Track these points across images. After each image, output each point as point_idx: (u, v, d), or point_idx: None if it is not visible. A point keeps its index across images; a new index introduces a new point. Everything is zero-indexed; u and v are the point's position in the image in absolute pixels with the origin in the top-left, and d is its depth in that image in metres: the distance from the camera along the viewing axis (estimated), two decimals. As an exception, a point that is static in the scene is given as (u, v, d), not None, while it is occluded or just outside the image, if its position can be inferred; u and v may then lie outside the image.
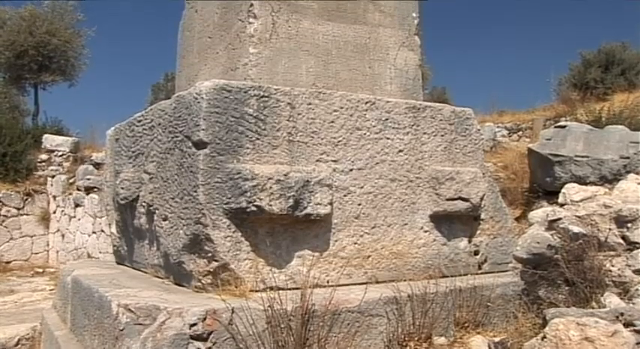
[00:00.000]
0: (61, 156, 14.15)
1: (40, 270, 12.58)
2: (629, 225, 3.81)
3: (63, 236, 13.12)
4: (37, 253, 13.65)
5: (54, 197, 13.67)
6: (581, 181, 6.92)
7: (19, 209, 13.61)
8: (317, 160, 3.90)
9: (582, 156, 7.44)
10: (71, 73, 18.34)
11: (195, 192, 3.58)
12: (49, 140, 14.40)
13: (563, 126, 7.87)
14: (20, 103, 19.19)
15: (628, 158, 7.40)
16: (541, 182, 7.64)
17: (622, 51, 15.32)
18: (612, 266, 3.71)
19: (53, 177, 13.81)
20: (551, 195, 7.12)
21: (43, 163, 14.19)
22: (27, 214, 13.69)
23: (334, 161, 3.96)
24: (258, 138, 3.72)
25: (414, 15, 4.72)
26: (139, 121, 4.53)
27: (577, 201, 4.16)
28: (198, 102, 3.61)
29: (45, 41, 16.98)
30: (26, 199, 13.70)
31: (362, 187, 4.04)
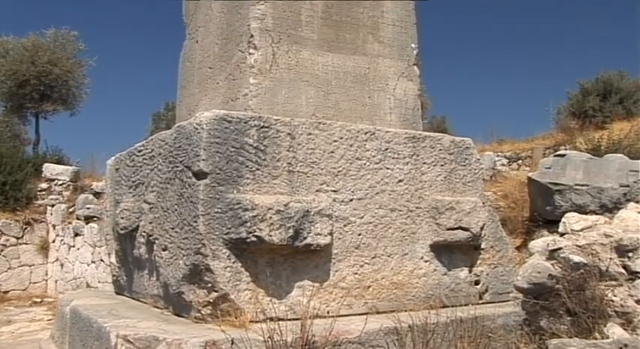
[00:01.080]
0: (61, 185, 14.14)
1: (39, 300, 12.48)
2: (630, 254, 3.80)
3: (62, 265, 13.05)
4: (35, 283, 13.55)
5: (53, 226, 13.63)
6: (582, 210, 6.92)
7: (18, 238, 13.55)
8: (317, 190, 3.90)
9: (582, 185, 7.45)
10: (72, 102, 18.40)
11: (196, 222, 3.58)
12: (50, 169, 14.40)
13: (563, 155, 7.89)
14: (21, 132, 19.22)
15: (628, 186, 7.42)
16: (541, 211, 7.64)
17: (619, 80, 15.43)
18: (614, 296, 3.69)
19: (53, 206, 13.78)
20: (551, 223, 7.11)
21: (43, 192, 14.16)
22: (26, 243, 13.63)
23: (334, 191, 3.96)
24: (258, 169, 3.72)
25: (412, 45, 4.76)
26: (140, 151, 4.55)
27: (577, 231, 4.15)
28: (199, 132, 3.63)
29: (47, 71, 17.08)
30: (25, 228, 13.64)
31: (362, 217, 4.04)
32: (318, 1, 4.39)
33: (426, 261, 4.28)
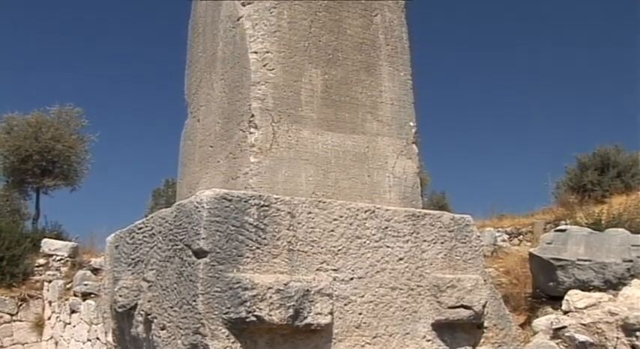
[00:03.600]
0: (59, 260, 14.05)
1: (30, 380, 12.17)
2: (637, 333, 3.75)
3: (56, 343, 12.80)
4: (27, 362, 13.25)
5: (49, 302, 13.46)
6: (585, 286, 6.86)
7: (12, 315, 13.34)
8: (317, 269, 3.88)
9: (584, 260, 7.40)
10: (73, 177, 18.55)
11: (195, 301, 3.55)
12: (48, 244, 14.36)
13: (564, 230, 7.89)
14: (21, 207, 19.29)
15: (631, 261, 7.37)
16: (544, 287, 7.56)
17: (616, 154, 15.60)
18: (623, 377, 3.62)
19: (50, 282, 13.65)
20: (555, 300, 7.02)
21: (41, 268, 14.08)
22: (20, 320, 13.41)
23: (334, 270, 3.94)
24: (258, 248, 3.72)
25: (411, 124, 4.84)
26: (140, 229, 4.55)
27: (581, 309, 4.11)
28: (199, 211, 3.65)
29: (49, 146, 17.29)
30: (20, 305, 13.47)
31: (363, 296, 4.00)
32: (317, 82, 4.50)
33: (428, 341, 4.21)
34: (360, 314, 3.97)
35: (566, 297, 4.23)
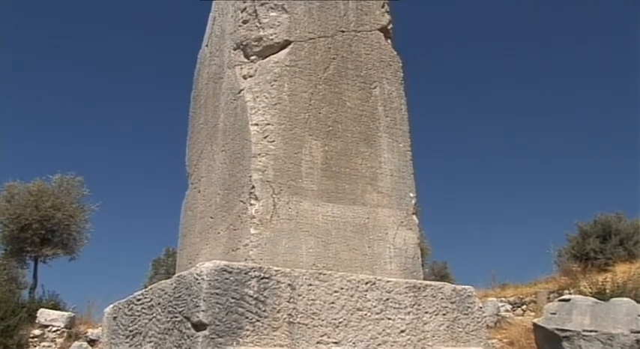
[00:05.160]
0: (55, 331, 13.80)
1: None
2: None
3: None
4: None
5: (43, 375, 13.12)
6: (592, 358, 6.72)
7: (-1, 392, 12.98)
8: (318, 342, 3.82)
9: (590, 331, 7.29)
10: (72, 246, 18.44)
11: (193, 376, 3.48)
12: (44, 314, 14.14)
13: (568, 300, 7.80)
14: (19, 276, 19.07)
15: (639, 332, 7.25)
16: (550, 359, 7.41)
17: (617, 222, 15.60)
18: None
19: (45, 353, 13.36)
20: (561, 373, 6.88)
21: (36, 339, 13.79)
22: (12, 395, 13.04)
23: (335, 343, 3.87)
24: (258, 320, 3.67)
25: (411, 195, 4.85)
26: (138, 300, 4.50)
27: (588, 384, 4.00)
28: (199, 282, 3.62)
29: (49, 215, 17.26)
30: (10, 381, 13.12)
31: (364, 370, 3.92)
32: (317, 153, 4.54)
33: None
34: (362, 389, 3.88)
35: (572, 372, 4.13)
